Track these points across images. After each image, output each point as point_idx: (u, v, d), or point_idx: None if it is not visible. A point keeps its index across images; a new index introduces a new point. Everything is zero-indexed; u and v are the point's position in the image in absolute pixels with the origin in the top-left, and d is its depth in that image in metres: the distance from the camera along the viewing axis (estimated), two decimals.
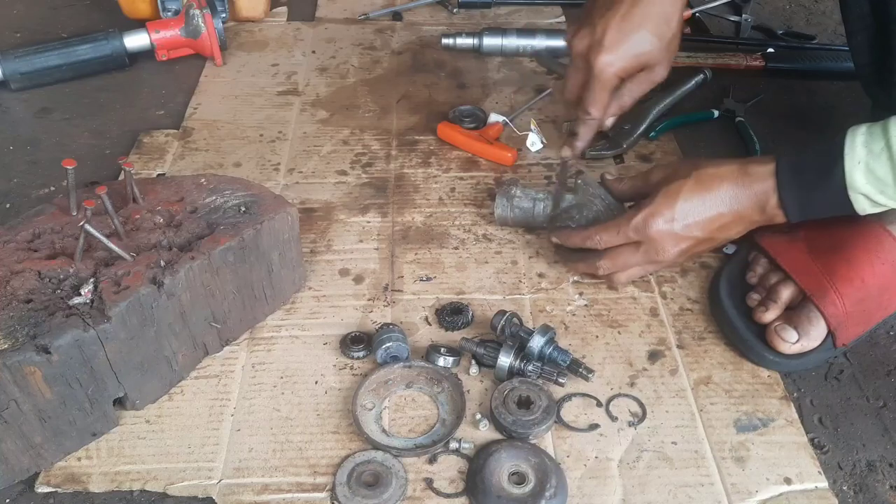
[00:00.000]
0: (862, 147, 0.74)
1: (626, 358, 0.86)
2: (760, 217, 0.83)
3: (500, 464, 0.73)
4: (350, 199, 1.07)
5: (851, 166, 0.75)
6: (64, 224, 0.81)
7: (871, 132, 0.75)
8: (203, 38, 1.32)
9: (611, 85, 0.93)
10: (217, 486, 0.73)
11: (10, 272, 0.74)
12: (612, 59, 0.90)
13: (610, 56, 0.90)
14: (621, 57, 0.90)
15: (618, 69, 0.91)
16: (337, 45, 1.43)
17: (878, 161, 0.74)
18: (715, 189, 0.83)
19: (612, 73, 0.91)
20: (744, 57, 1.33)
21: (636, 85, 0.95)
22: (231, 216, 0.83)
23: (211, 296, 0.80)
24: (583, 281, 0.95)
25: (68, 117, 1.23)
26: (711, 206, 0.84)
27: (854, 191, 0.76)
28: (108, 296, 0.72)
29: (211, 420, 0.79)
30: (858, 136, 0.75)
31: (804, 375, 0.85)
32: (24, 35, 1.42)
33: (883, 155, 0.73)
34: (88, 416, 0.74)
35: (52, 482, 0.73)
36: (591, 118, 0.95)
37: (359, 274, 0.96)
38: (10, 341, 0.68)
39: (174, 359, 0.80)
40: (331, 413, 0.80)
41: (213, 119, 1.22)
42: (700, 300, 0.93)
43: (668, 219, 0.84)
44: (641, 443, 0.78)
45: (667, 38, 0.91)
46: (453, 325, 0.88)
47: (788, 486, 0.74)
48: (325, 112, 1.25)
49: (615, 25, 0.89)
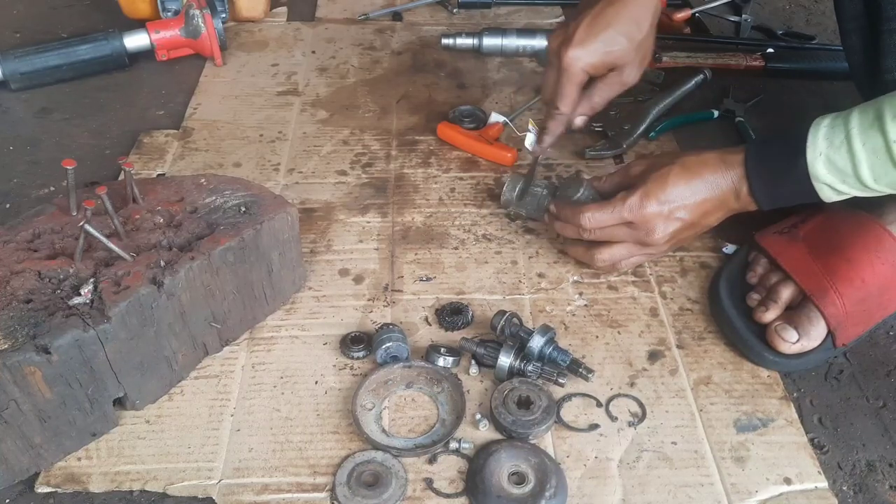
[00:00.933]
0: (823, 139, 0.78)
1: (625, 358, 0.86)
2: (737, 204, 0.87)
3: (499, 464, 0.73)
4: (350, 200, 1.07)
5: (813, 157, 0.78)
6: (64, 224, 0.81)
7: (834, 124, 0.78)
8: (203, 38, 1.32)
9: (578, 79, 0.94)
10: (217, 487, 0.74)
11: (10, 272, 0.74)
12: (579, 53, 0.91)
13: (577, 51, 0.91)
14: (589, 52, 0.92)
15: (585, 64, 0.92)
16: (337, 45, 1.43)
17: (838, 153, 0.77)
18: (700, 174, 0.86)
19: (580, 68, 0.92)
20: (744, 57, 1.33)
21: (607, 86, 0.97)
22: (231, 216, 0.83)
23: (211, 296, 0.80)
24: (583, 281, 0.95)
25: (68, 117, 1.23)
26: (697, 190, 0.86)
27: (817, 181, 0.79)
28: (107, 296, 0.72)
29: (211, 420, 0.79)
30: (822, 127, 0.78)
31: (804, 375, 0.85)
32: (24, 35, 1.42)
33: (843, 147, 0.76)
34: (88, 416, 0.74)
35: (51, 482, 0.73)
36: (560, 113, 0.96)
37: (359, 274, 0.96)
38: (9, 341, 0.68)
39: (174, 359, 0.80)
40: (331, 413, 0.80)
41: (213, 119, 1.22)
42: (700, 300, 0.93)
43: (661, 201, 0.86)
44: (641, 443, 0.78)
45: (637, 40, 0.93)
46: (453, 325, 0.88)
47: (788, 486, 0.74)
48: (325, 112, 1.25)
49: (586, 23, 0.91)
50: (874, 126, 0.75)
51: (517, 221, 1.03)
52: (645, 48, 0.96)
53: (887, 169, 0.75)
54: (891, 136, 0.73)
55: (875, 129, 0.74)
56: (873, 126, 0.75)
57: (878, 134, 0.74)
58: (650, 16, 0.95)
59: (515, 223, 1.03)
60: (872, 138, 0.74)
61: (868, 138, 0.75)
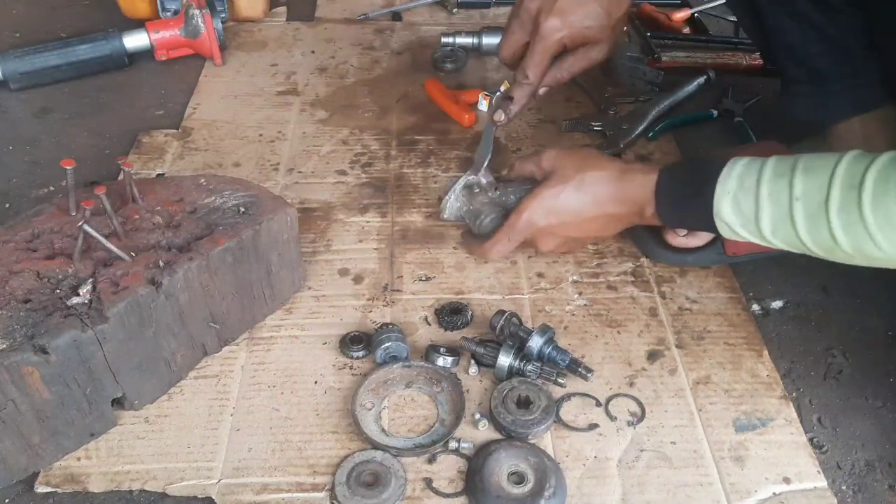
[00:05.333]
0: (735, 178, 0.75)
1: (625, 358, 0.86)
2: (639, 220, 0.88)
3: (499, 463, 0.73)
4: (349, 199, 1.07)
5: (721, 194, 0.76)
6: (63, 224, 0.80)
7: (750, 166, 0.75)
8: (202, 38, 1.32)
9: (553, 50, 0.94)
10: (216, 486, 0.73)
11: (9, 272, 0.74)
12: (560, 24, 0.92)
13: (557, 21, 0.91)
14: (569, 24, 0.92)
15: (564, 35, 0.93)
16: (336, 45, 1.43)
17: (746, 196, 0.74)
18: (593, 193, 0.87)
19: (558, 39, 0.93)
20: (743, 56, 1.33)
21: (576, 59, 0.97)
22: (230, 217, 0.83)
23: (209, 296, 0.80)
24: (582, 281, 0.95)
25: (68, 117, 1.23)
26: (587, 208, 0.87)
27: (719, 218, 0.77)
28: (106, 296, 0.72)
29: (210, 420, 0.79)
30: (737, 167, 0.76)
31: (803, 375, 0.85)
32: (24, 35, 1.42)
33: (751, 191, 0.74)
34: (87, 416, 0.74)
35: (51, 482, 0.73)
36: (528, 82, 0.96)
37: (358, 274, 0.96)
38: (8, 341, 0.68)
39: (173, 359, 0.80)
40: (330, 413, 0.80)
41: (213, 119, 1.22)
42: (699, 300, 0.93)
43: (543, 216, 0.88)
44: (640, 442, 0.78)
45: (615, 18, 0.94)
46: (453, 324, 0.88)
47: (787, 485, 0.74)
48: (325, 112, 1.25)
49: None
50: (784, 177, 0.72)
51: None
52: (619, 28, 0.97)
53: (785, 224, 0.72)
54: (796, 192, 0.70)
55: (784, 181, 0.72)
56: (783, 177, 0.72)
57: (785, 187, 0.71)
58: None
59: None
60: (779, 190, 0.72)
61: (775, 188, 0.72)
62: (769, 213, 0.73)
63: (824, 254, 0.72)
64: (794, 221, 0.71)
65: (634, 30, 1.39)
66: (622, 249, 0.99)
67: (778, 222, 0.72)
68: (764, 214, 0.73)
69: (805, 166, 0.71)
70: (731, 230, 0.77)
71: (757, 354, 0.87)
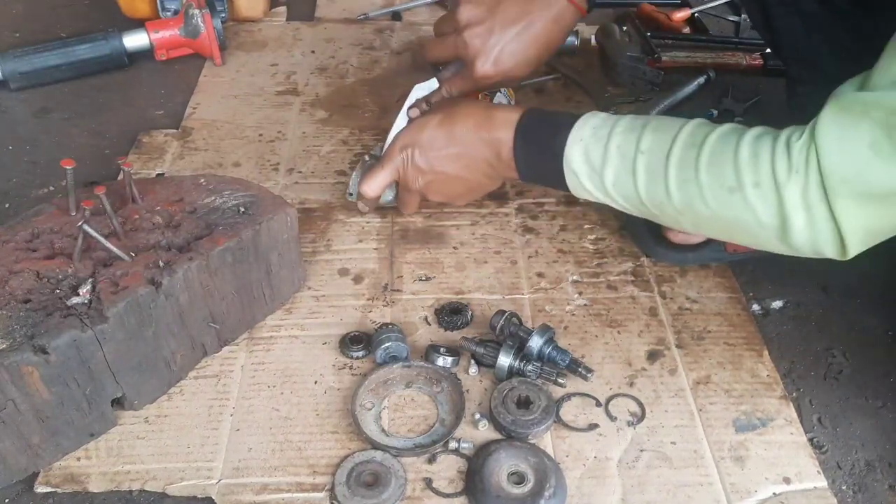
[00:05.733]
0: (590, 128, 0.78)
1: (625, 358, 0.86)
2: (497, 163, 0.87)
3: (499, 464, 0.73)
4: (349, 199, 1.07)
5: (574, 140, 0.78)
6: (63, 224, 0.80)
7: (605, 121, 0.78)
8: (202, 37, 1.32)
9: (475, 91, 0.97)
10: (216, 486, 0.73)
11: (9, 272, 0.74)
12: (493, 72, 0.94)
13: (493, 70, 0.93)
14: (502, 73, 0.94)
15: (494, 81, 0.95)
16: (336, 44, 1.43)
17: (596, 145, 0.77)
18: (458, 126, 0.88)
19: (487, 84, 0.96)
20: (743, 56, 1.33)
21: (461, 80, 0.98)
22: (230, 217, 0.83)
23: (209, 296, 0.80)
24: (582, 280, 0.95)
25: (67, 117, 1.23)
26: (451, 142, 0.88)
27: (568, 165, 0.79)
28: (106, 296, 0.72)
29: (210, 420, 0.79)
30: (594, 119, 0.79)
31: (803, 375, 0.85)
32: (24, 35, 1.42)
33: (602, 142, 0.77)
34: (86, 416, 0.74)
35: (51, 482, 0.73)
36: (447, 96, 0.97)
37: (358, 274, 0.96)
38: (7, 341, 0.68)
39: (173, 359, 0.80)
40: (330, 413, 0.80)
41: (213, 119, 1.22)
42: (699, 300, 0.93)
43: (409, 145, 0.89)
44: (640, 442, 0.78)
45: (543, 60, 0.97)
46: (453, 324, 0.88)
47: (787, 485, 0.74)
48: (325, 112, 1.25)
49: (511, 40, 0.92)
50: (634, 132, 0.75)
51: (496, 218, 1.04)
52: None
53: (627, 177, 0.75)
54: (642, 146, 0.74)
55: (633, 134, 0.75)
56: (634, 131, 0.75)
57: (633, 140, 0.75)
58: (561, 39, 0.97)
59: (514, 222, 1.03)
60: (628, 142, 0.75)
61: (624, 141, 0.75)
62: (614, 165, 0.76)
63: (656, 210, 0.76)
64: (636, 174, 0.75)
65: (634, 30, 1.39)
66: (622, 249, 0.99)
67: (620, 175, 0.76)
68: (609, 166, 0.76)
69: (655, 125, 0.75)
70: (577, 181, 0.79)
71: (757, 354, 0.87)
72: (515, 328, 0.84)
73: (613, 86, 1.30)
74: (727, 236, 0.77)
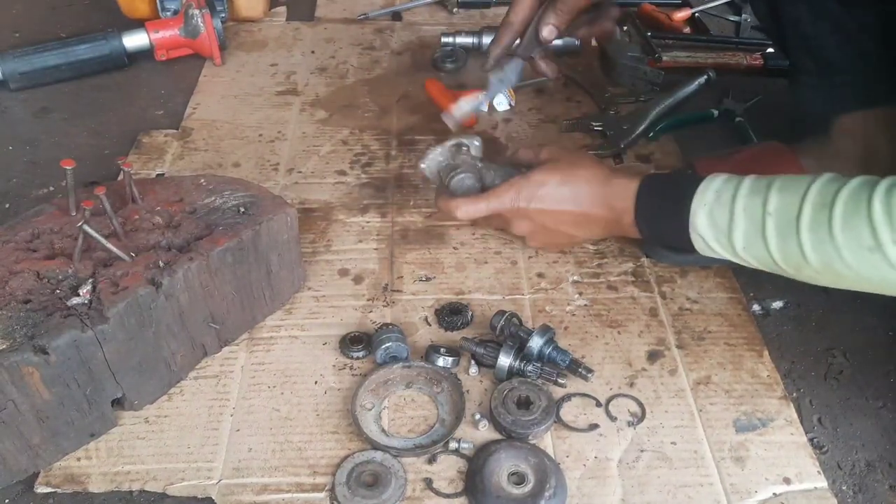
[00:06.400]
0: (713, 192, 0.77)
1: (625, 358, 0.86)
2: (617, 228, 0.89)
3: (499, 464, 0.73)
4: (349, 200, 1.07)
5: (698, 206, 0.78)
6: (63, 224, 0.80)
7: (728, 181, 0.77)
8: (202, 37, 1.32)
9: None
10: (216, 487, 0.73)
11: (9, 272, 0.74)
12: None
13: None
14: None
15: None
16: (336, 44, 1.43)
17: (721, 209, 0.76)
18: (577, 189, 0.88)
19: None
20: (743, 56, 1.33)
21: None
22: (230, 217, 0.83)
23: (209, 296, 0.80)
24: (582, 281, 0.95)
25: (67, 117, 1.23)
26: (568, 202, 0.89)
27: (695, 230, 0.79)
28: (106, 296, 0.72)
29: (210, 420, 0.79)
30: (716, 181, 0.78)
31: (804, 376, 0.85)
32: (24, 35, 1.42)
33: (727, 205, 0.76)
34: (86, 416, 0.74)
35: (51, 482, 0.73)
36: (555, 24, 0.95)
37: (358, 274, 0.96)
38: (8, 342, 0.67)
39: (173, 359, 0.80)
40: (330, 413, 0.80)
41: (213, 119, 1.22)
42: (700, 300, 0.93)
43: (526, 198, 0.89)
44: (641, 443, 0.78)
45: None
46: (453, 325, 0.88)
47: (788, 486, 0.74)
48: (325, 112, 1.25)
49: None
50: (759, 194, 0.74)
51: None
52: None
53: (757, 239, 0.74)
54: (769, 208, 0.72)
55: (759, 196, 0.74)
56: (759, 193, 0.74)
57: (759, 202, 0.73)
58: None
59: None
60: (753, 204, 0.74)
61: (750, 203, 0.74)
62: (742, 228, 0.75)
63: (793, 271, 0.74)
64: (766, 237, 0.73)
65: (635, 30, 1.39)
66: (622, 249, 0.99)
67: (750, 237, 0.74)
68: (737, 228, 0.75)
69: (780, 185, 0.73)
70: (705, 243, 0.79)
71: (757, 355, 0.87)
72: (515, 328, 0.84)
73: (614, 86, 1.30)
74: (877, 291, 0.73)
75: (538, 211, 0.90)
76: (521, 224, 0.93)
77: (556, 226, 0.91)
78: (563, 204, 0.89)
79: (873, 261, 0.67)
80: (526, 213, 0.91)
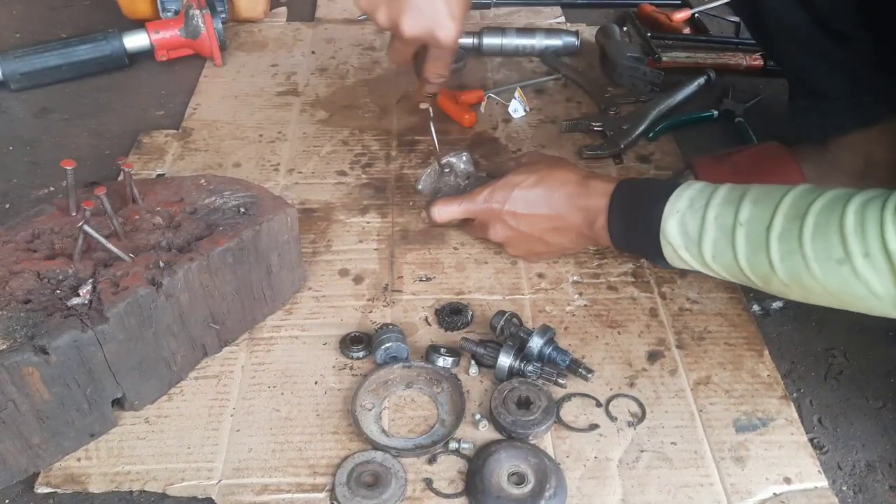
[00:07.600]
0: (686, 200, 0.76)
1: (625, 358, 0.86)
2: (589, 232, 0.86)
3: (499, 464, 0.73)
4: (350, 200, 1.07)
5: (670, 213, 0.76)
6: (63, 224, 0.80)
7: (703, 190, 0.76)
8: (203, 38, 1.32)
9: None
10: (217, 487, 0.73)
11: (9, 272, 0.74)
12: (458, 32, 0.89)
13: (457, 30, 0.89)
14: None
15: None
16: (336, 45, 1.43)
17: (693, 217, 0.74)
18: (551, 191, 0.87)
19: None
20: (743, 57, 1.33)
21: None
22: (230, 217, 0.83)
23: (210, 297, 0.80)
24: (582, 281, 0.95)
25: (68, 117, 1.23)
26: (542, 204, 0.88)
27: (664, 237, 0.77)
28: (106, 296, 0.72)
29: (210, 420, 0.79)
30: (690, 189, 0.76)
31: (804, 376, 0.85)
32: (24, 35, 1.42)
33: (699, 213, 0.74)
34: (87, 416, 0.74)
35: (51, 483, 0.73)
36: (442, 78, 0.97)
37: (358, 274, 0.96)
38: (8, 342, 0.68)
39: (173, 359, 0.80)
40: (330, 413, 0.80)
41: (213, 119, 1.22)
42: (700, 300, 0.93)
43: (501, 200, 0.89)
44: (641, 443, 0.78)
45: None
46: (453, 325, 0.88)
47: (788, 485, 0.74)
48: (325, 112, 1.25)
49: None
50: (732, 203, 0.72)
51: None
52: None
53: (726, 249, 0.72)
54: (741, 217, 0.71)
55: (731, 206, 0.72)
56: (731, 203, 0.72)
57: (731, 212, 0.72)
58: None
59: None
60: (725, 214, 0.72)
61: (722, 212, 0.73)
62: (712, 237, 0.73)
63: (761, 283, 0.73)
64: (735, 246, 0.71)
65: (635, 30, 1.39)
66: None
67: (719, 246, 0.73)
68: (707, 237, 0.73)
69: (755, 195, 0.72)
70: (674, 252, 0.77)
71: (757, 355, 0.87)
72: (516, 328, 0.84)
73: (614, 86, 1.30)
74: (841, 307, 0.72)
75: (511, 213, 0.89)
76: (496, 229, 0.92)
77: (530, 230, 0.90)
78: (536, 206, 0.88)
79: (842, 273, 0.65)
80: (500, 216, 0.90)
